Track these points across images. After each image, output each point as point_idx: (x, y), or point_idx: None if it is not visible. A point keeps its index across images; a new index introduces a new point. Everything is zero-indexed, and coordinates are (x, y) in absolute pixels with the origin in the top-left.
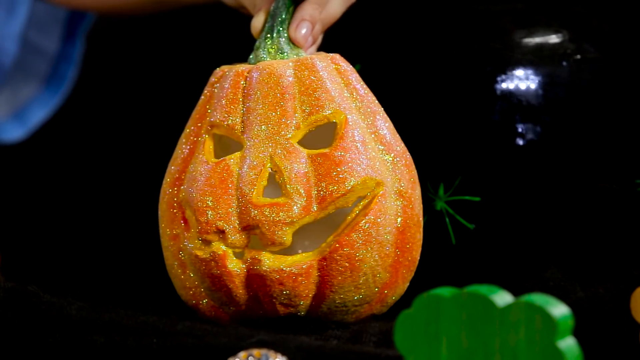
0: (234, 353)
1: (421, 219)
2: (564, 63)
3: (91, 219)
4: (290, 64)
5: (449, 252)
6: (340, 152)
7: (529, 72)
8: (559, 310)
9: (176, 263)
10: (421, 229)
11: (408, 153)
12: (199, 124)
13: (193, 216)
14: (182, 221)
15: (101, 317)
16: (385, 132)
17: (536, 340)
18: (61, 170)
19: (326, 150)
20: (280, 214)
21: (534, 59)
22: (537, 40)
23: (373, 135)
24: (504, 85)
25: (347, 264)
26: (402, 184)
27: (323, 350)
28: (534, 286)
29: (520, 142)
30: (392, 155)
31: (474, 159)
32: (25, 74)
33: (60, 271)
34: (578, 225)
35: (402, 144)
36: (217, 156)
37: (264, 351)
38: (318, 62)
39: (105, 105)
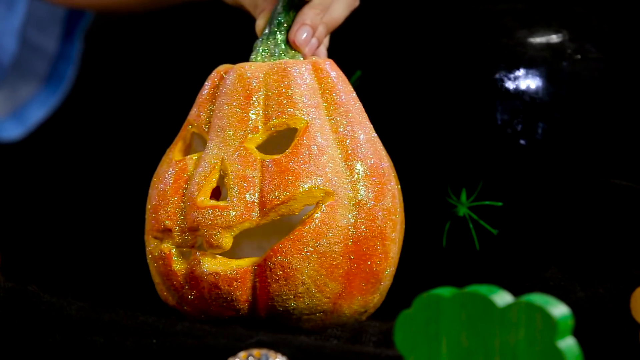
0: (234, 353)
1: (388, 231)
2: (565, 63)
3: (91, 218)
4: (265, 67)
5: (449, 252)
6: (291, 159)
7: (531, 71)
8: (559, 310)
9: (149, 258)
10: (387, 241)
11: (385, 164)
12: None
13: None
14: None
15: (101, 318)
16: (357, 142)
17: (536, 340)
18: (60, 169)
19: (278, 157)
20: (220, 217)
21: (535, 58)
22: (538, 40)
23: (339, 144)
24: (505, 86)
25: (280, 272)
26: (362, 196)
27: (322, 351)
28: (534, 286)
29: (519, 143)
30: (357, 166)
31: (475, 160)
32: (25, 74)
33: (60, 271)
34: (578, 225)
35: (382, 155)
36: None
37: (263, 351)
38: (292, 67)
39: (104, 104)
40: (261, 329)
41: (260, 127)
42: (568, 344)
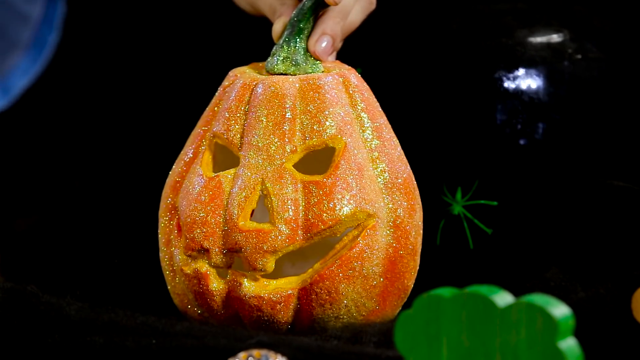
0: (234, 354)
1: (417, 246)
2: (565, 62)
3: (89, 216)
4: (297, 83)
5: (443, 251)
6: (333, 181)
7: (531, 71)
8: (560, 310)
9: (168, 268)
10: (417, 256)
11: (412, 178)
12: (205, 128)
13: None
14: (176, 228)
15: (100, 318)
16: (389, 157)
17: (537, 341)
18: (57, 167)
19: (319, 178)
20: (265, 241)
21: (535, 58)
22: (538, 39)
23: (373, 161)
24: (505, 85)
25: (327, 297)
26: (398, 214)
27: (323, 351)
28: (535, 286)
29: (519, 142)
30: (392, 182)
31: (472, 160)
32: (10, 43)
33: (59, 271)
34: (579, 225)
35: (408, 169)
36: (221, 163)
37: (263, 352)
38: (325, 83)
39: (87, 72)
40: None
41: (298, 147)
42: (569, 344)
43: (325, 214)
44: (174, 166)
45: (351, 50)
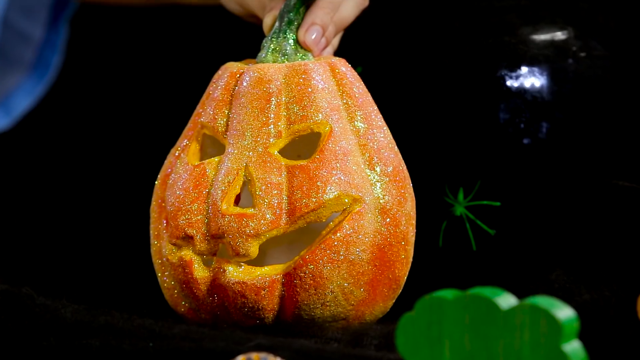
0: (232, 357)
1: (409, 236)
2: (570, 61)
3: (85, 217)
4: (283, 69)
5: (446, 253)
6: (317, 165)
7: (535, 69)
8: (564, 312)
9: (158, 262)
10: (409, 246)
11: (403, 167)
12: (195, 121)
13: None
14: (164, 220)
15: (96, 320)
16: (378, 145)
17: (541, 344)
18: (50, 166)
19: (304, 163)
20: (247, 225)
21: (538, 56)
22: (542, 37)
23: (361, 148)
24: (508, 83)
25: (311, 282)
26: (387, 201)
27: (323, 354)
28: (539, 288)
29: (523, 142)
30: (380, 169)
31: (475, 160)
32: (11, 62)
33: (54, 273)
34: (584, 226)
35: (398, 158)
36: (211, 155)
37: (263, 355)
38: (312, 69)
39: (90, 93)
40: (260, 332)
41: (283, 131)
42: (573, 347)
43: (308, 198)
44: (165, 161)
45: (352, 49)
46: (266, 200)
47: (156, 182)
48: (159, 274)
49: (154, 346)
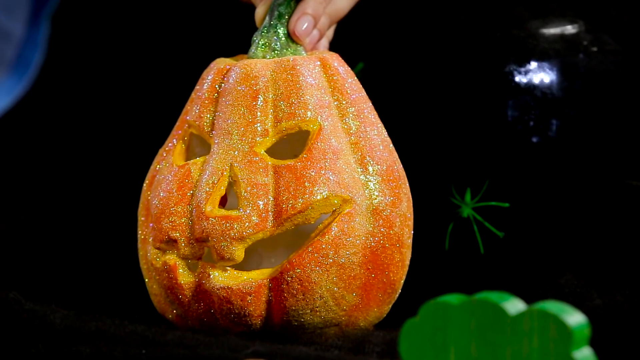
0: None
1: (404, 237)
2: (581, 55)
3: (74, 220)
4: (271, 65)
5: (452, 256)
6: (304, 165)
7: (544, 65)
8: (575, 318)
9: (145, 268)
10: (404, 248)
11: (398, 166)
12: (182, 120)
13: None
14: (150, 224)
15: (87, 326)
16: (371, 143)
17: (550, 351)
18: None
19: (291, 162)
20: (232, 228)
21: (548, 51)
22: (552, 30)
23: (353, 147)
24: (516, 79)
25: (298, 287)
26: (379, 201)
27: None
28: (548, 293)
29: (532, 140)
30: (373, 169)
31: (482, 159)
32: None
33: (43, 277)
34: (595, 228)
35: (393, 156)
36: (199, 156)
37: None
38: (302, 64)
39: (72, 92)
40: (257, 339)
41: (270, 130)
42: (584, 354)
43: (295, 199)
44: (153, 162)
45: (355, 45)
46: (251, 201)
47: (144, 184)
48: (147, 280)
49: (146, 353)
